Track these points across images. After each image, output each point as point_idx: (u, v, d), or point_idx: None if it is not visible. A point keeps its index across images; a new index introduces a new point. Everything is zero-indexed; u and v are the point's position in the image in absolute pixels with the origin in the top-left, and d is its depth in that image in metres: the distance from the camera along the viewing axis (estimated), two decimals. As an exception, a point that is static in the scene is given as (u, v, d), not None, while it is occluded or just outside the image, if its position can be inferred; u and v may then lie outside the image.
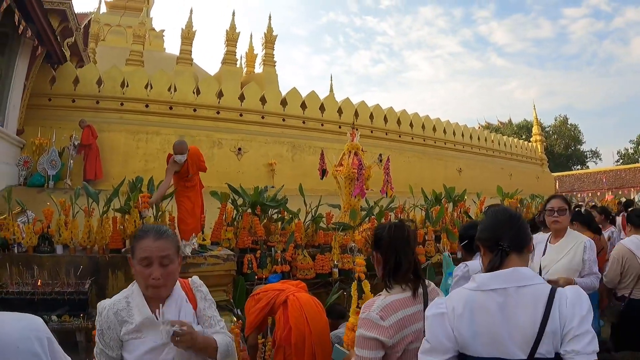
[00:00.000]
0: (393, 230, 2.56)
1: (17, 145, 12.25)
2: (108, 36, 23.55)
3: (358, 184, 8.79)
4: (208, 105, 14.79)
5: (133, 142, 13.39)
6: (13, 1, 9.60)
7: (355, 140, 9.46)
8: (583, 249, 4.07)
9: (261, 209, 8.18)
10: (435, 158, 19.49)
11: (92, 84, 13.86)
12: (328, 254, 7.70)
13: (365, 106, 17.75)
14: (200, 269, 6.28)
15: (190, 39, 16.82)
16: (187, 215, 7.50)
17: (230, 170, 13.66)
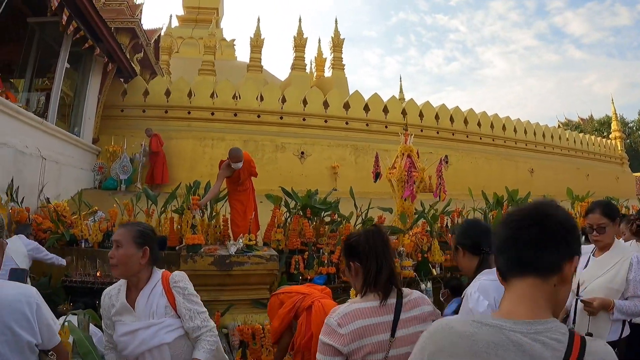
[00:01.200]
0: (372, 236, 2.46)
1: (93, 153, 13.50)
2: (181, 48, 24.72)
3: (408, 187, 8.69)
4: (271, 111, 15.02)
5: (199, 147, 13.94)
6: (82, 25, 10.86)
7: (409, 142, 9.33)
8: (629, 266, 3.49)
9: (312, 212, 8.24)
10: (505, 159, 18.84)
11: (160, 94, 14.65)
12: (376, 258, 7.59)
13: (430, 106, 17.45)
14: (243, 267, 6.57)
15: (259, 47, 17.33)
16: (238, 218, 7.83)
17: (293, 174, 13.89)
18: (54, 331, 2.45)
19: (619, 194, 18.62)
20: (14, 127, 9.19)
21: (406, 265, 7.44)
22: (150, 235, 2.86)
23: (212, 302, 6.36)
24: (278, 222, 8.04)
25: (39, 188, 9.86)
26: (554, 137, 21.96)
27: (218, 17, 27.26)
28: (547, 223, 1.41)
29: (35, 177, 9.83)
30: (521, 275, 1.42)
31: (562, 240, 1.41)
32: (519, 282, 1.42)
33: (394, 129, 15.56)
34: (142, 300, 2.76)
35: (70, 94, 12.96)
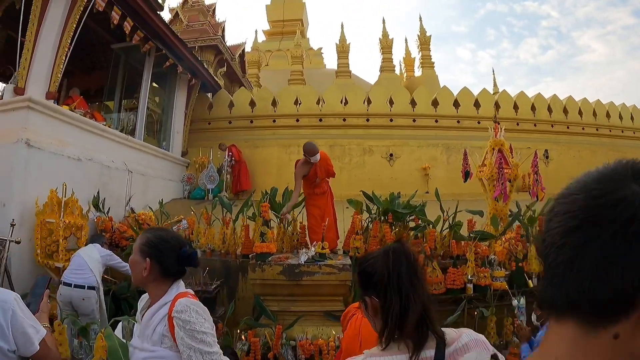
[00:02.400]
0: (393, 257, 1.74)
1: (182, 165, 14.13)
2: (271, 61, 25.58)
3: (498, 185, 7.89)
4: (357, 114, 14.62)
5: (285, 155, 13.94)
6: (160, 44, 11.68)
7: (499, 135, 8.54)
8: None
9: (394, 217, 7.62)
10: (613, 150, 17.24)
11: (245, 105, 14.87)
12: (462, 267, 6.86)
13: (525, 97, 16.29)
14: (313, 277, 6.15)
15: (345, 52, 17.38)
16: (316, 224, 7.57)
17: (382, 177, 13.51)
18: (30, 339, 2.28)
19: None
20: (99, 144, 9.87)
21: (498, 276, 6.73)
22: (157, 246, 2.41)
23: (282, 312, 6.20)
24: (357, 228, 7.48)
25: (125, 199, 10.42)
26: (667, 122, 19.97)
27: (303, 28, 27.75)
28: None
29: (122, 189, 10.42)
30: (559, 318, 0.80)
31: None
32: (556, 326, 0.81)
33: (487, 124, 14.70)
34: (146, 318, 2.39)
35: (158, 111, 13.67)
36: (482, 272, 6.75)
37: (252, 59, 22.38)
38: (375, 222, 7.59)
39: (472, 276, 6.72)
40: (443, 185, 12.13)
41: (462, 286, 6.73)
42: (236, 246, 7.82)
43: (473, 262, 6.76)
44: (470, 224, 7.79)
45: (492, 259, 6.91)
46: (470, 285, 6.72)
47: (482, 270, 6.76)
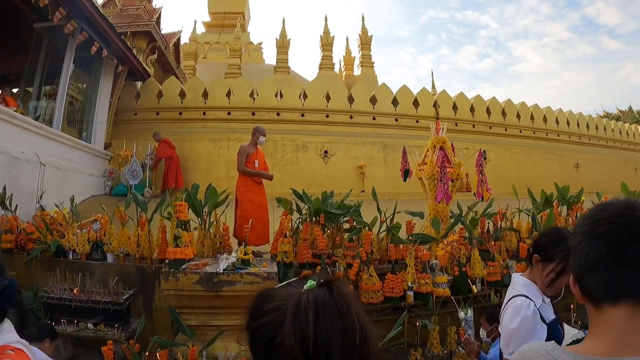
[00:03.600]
0: (311, 319, 1.04)
1: (105, 158, 13.18)
2: (209, 54, 25.01)
3: (441, 186, 7.36)
4: (292, 108, 14.08)
5: (215, 149, 13.25)
6: (86, 26, 10.85)
7: (441, 133, 8.03)
8: None
9: (326, 217, 6.97)
10: (549, 153, 17.47)
11: (174, 96, 14.07)
12: (402, 273, 6.26)
13: (464, 98, 16.13)
14: (235, 287, 5.36)
15: (285, 47, 17.23)
16: (245, 222, 7.03)
17: (316, 175, 13.01)
18: None
19: (670, 188, 17.23)
20: (8, 132, 8.94)
21: (440, 282, 6.19)
22: None
23: (202, 327, 5.40)
24: (286, 230, 6.80)
25: (37, 195, 9.44)
26: (598, 128, 20.49)
27: (244, 22, 27.32)
28: None
29: (34, 183, 9.43)
30: (615, 303, 1.11)
31: None
32: (611, 311, 1.12)
33: (426, 123, 14.35)
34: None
35: (80, 99, 12.72)
36: (423, 278, 6.21)
37: (189, 50, 21.88)
38: (306, 223, 6.90)
39: (413, 283, 6.16)
40: (380, 184, 11.75)
41: (402, 294, 6.17)
42: (152, 250, 6.96)
43: (413, 268, 6.20)
44: (409, 226, 7.24)
45: (434, 263, 6.39)
46: (410, 293, 6.17)
47: (423, 276, 6.22)
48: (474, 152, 8.26)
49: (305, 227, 6.76)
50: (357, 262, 6.21)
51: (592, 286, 1.15)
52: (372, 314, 6.05)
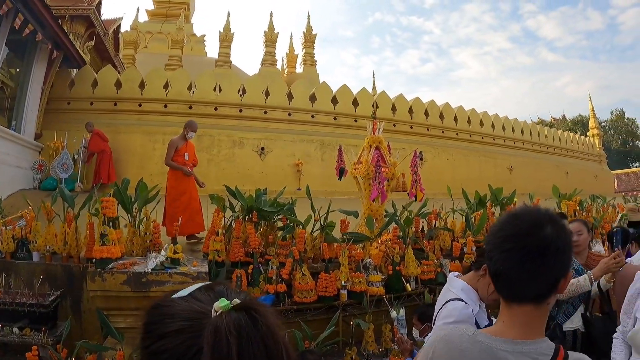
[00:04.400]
0: (231, 346, 0.86)
1: (34, 149, 12.46)
2: (150, 43, 24.02)
3: (376, 185, 7.33)
4: (230, 103, 13.83)
5: (150, 143, 12.76)
6: (22, 6, 10.20)
7: (378, 132, 8.00)
8: None
9: (259, 215, 6.84)
10: (484, 155, 17.90)
11: (110, 85, 13.53)
12: (335, 272, 6.18)
13: (403, 100, 16.29)
14: (164, 288, 5.04)
15: (228, 41, 16.69)
16: (179, 212, 7.11)
17: (253, 172, 12.80)
18: None
19: (599, 191, 17.94)
20: None
21: (374, 281, 6.15)
22: None
23: (131, 329, 5.03)
24: (218, 227, 6.58)
25: None
26: (532, 134, 21.29)
27: (189, 12, 26.35)
28: (548, 253, 1.36)
29: None
30: (520, 303, 1.43)
31: (560, 264, 1.39)
32: (517, 308, 1.44)
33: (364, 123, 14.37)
34: None
35: (10, 85, 12.01)
36: (357, 277, 6.15)
37: (129, 38, 20.98)
38: (238, 221, 6.76)
39: (346, 282, 6.09)
40: (317, 182, 11.71)
41: (336, 293, 6.09)
42: (79, 248, 6.57)
43: (347, 267, 6.14)
44: (343, 224, 7.17)
45: (368, 262, 6.34)
46: (344, 292, 6.10)
47: (357, 275, 6.16)
48: (411, 153, 8.27)
49: (238, 225, 6.61)
50: (289, 261, 6.10)
51: (500, 289, 1.46)
52: (306, 314, 5.97)
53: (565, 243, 1.38)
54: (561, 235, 1.37)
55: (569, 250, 1.41)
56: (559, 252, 1.36)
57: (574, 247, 2.37)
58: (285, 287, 5.99)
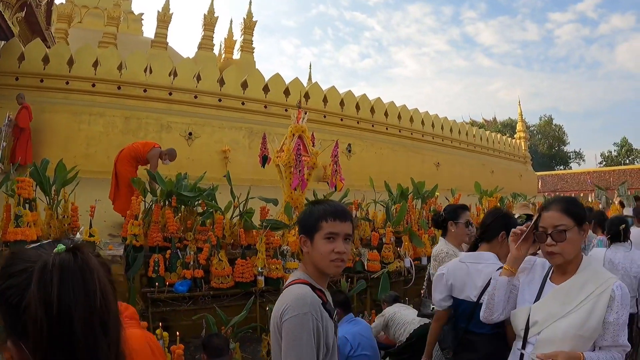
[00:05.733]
0: (54, 283, 1.01)
1: None
2: (85, 18, 22.97)
3: (297, 173, 7.41)
4: (159, 86, 13.54)
5: (75, 124, 12.30)
6: None
7: (302, 122, 8.06)
8: (608, 300, 2.18)
9: (179, 200, 6.79)
10: (412, 151, 18.32)
11: (37, 61, 12.85)
12: (253, 258, 6.24)
13: (335, 92, 16.45)
14: None
15: (166, 22, 16.17)
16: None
17: (179, 158, 12.16)
18: None
19: (522, 190, 18.78)
20: None
21: (291, 268, 6.24)
22: None
23: None
24: (136, 212, 6.45)
25: None
26: (460, 132, 21.93)
27: None
28: None
29: None
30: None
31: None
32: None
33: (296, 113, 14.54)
34: None
35: None
36: (274, 263, 6.24)
37: (64, 11, 19.84)
38: (157, 205, 6.70)
39: (263, 268, 6.15)
40: (244, 170, 11.70)
41: (253, 279, 6.15)
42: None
43: (264, 253, 6.21)
44: (263, 211, 7.22)
45: (285, 249, 6.42)
46: (261, 278, 6.19)
47: (274, 261, 6.25)
48: (340, 145, 8.40)
49: (156, 209, 6.56)
50: (207, 246, 6.12)
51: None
52: (223, 299, 6.00)
53: None
54: None
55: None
56: None
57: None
58: (203, 273, 6.02)
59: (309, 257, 2.10)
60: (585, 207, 2.46)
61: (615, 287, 2.23)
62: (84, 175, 9.23)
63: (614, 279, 2.29)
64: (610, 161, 57.16)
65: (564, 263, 2.33)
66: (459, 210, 3.82)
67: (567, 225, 2.28)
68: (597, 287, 2.25)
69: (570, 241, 2.28)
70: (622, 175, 41.76)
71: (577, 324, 2.22)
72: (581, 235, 2.35)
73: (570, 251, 2.30)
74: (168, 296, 5.76)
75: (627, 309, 2.22)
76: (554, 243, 2.28)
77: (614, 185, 40.03)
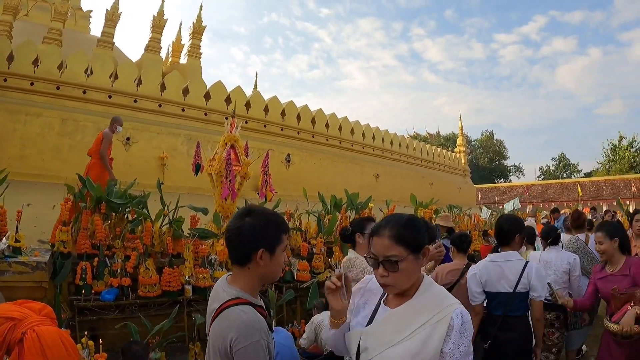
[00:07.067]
0: None
1: None
2: (32, 11, 22.07)
3: (226, 182, 7.50)
4: (99, 88, 13.43)
5: (10, 123, 12.00)
6: None
7: (235, 131, 8.17)
8: (447, 329, 1.96)
9: (109, 207, 6.77)
10: (352, 162, 18.63)
11: None
12: (180, 267, 6.26)
13: (276, 102, 16.64)
14: (4, 277, 5.08)
15: (114, 21, 15.78)
16: None
17: (116, 162, 12.00)
18: None
19: (461, 202, 19.29)
20: None
21: (219, 277, 6.29)
22: None
23: None
24: (65, 218, 6.43)
25: None
26: (401, 145, 22.36)
27: None
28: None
29: None
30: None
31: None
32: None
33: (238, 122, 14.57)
34: None
35: None
36: (202, 272, 6.27)
37: (10, 3, 19.31)
38: (86, 211, 6.61)
39: (190, 277, 6.19)
40: (182, 177, 11.69)
41: (180, 288, 6.16)
42: None
43: (191, 262, 6.25)
44: (193, 220, 7.27)
45: (213, 258, 6.49)
46: (188, 287, 6.18)
47: (201, 270, 6.28)
48: (279, 154, 8.53)
49: (85, 215, 6.52)
50: (134, 254, 6.13)
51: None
52: (150, 308, 6.01)
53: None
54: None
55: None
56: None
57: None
58: (130, 281, 5.99)
59: (261, 270, 2.04)
60: (424, 225, 2.18)
61: (455, 314, 2.00)
62: (17, 178, 9.11)
63: (455, 305, 2.06)
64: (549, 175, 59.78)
65: (391, 286, 2.08)
66: (364, 222, 3.97)
67: (399, 255, 2.00)
68: (435, 314, 2.02)
69: (404, 272, 2.02)
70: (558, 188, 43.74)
71: (411, 354, 1.98)
72: (419, 261, 2.08)
73: (405, 282, 2.05)
74: (95, 304, 5.73)
75: (467, 338, 2.00)
76: (386, 274, 2.03)
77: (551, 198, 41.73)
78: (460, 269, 4.80)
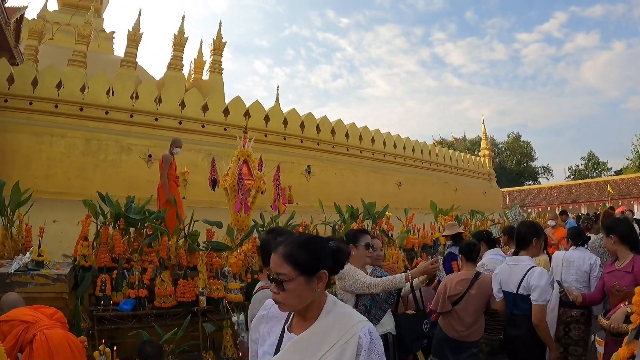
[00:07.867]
0: None
1: None
2: (57, 35, 22.80)
3: (239, 196, 7.73)
4: (120, 108, 13.80)
5: (36, 145, 12.44)
6: None
7: (247, 146, 8.42)
8: (356, 348, 1.88)
9: (127, 222, 7.06)
10: (373, 171, 18.71)
11: (2, 80, 12.95)
12: (195, 279, 6.50)
13: (295, 114, 16.86)
14: (27, 289, 5.37)
15: (136, 41, 16.14)
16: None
17: (139, 179, 12.67)
18: None
19: (486, 207, 19.20)
20: None
21: (232, 289, 6.52)
22: None
23: None
24: (86, 233, 6.67)
25: None
26: (423, 152, 22.32)
27: (100, 6, 25.04)
28: None
29: None
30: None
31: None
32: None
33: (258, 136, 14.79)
34: None
35: None
36: (215, 284, 6.48)
37: (35, 28, 19.65)
38: (105, 227, 6.93)
39: (204, 288, 6.42)
40: (203, 192, 11.87)
41: (194, 298, 6.39)
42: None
43: (205, 274, 6.46)
44: (209, 233, 7.50)
45: (226, 270, 6.70)
46: (202, 298, 6.40)
47: (215, 282, 6.50)
48: (299, 166, 8.72)
49: (104, 231, 6.81)
50: (150, 267, 6.40)
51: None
52: (166, 318, 6.26)
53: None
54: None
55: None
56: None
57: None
58: (147, 292, 6.26)
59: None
60: (330, 249, 2.05)
61: (362, 333, 1.92)
62: (43, 196, 9.45)
63: (362, 323, 1.98)
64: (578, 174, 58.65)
65: (301, 309, 2.00)
66: (358, 234, 4.11)
67: (287, 275, 1.93)
68: (342, 335, 1.93)
69: (293, 292, 1.93)
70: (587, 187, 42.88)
71: None
72: (312, 285, 1.96)
73: (295, 303, 1.97)
74: (113, 314, 6.02)
75: (378, 355, 1.93)
76: (276, 291, 1.96)
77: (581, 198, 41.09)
78: (470, 279, 4.67)
